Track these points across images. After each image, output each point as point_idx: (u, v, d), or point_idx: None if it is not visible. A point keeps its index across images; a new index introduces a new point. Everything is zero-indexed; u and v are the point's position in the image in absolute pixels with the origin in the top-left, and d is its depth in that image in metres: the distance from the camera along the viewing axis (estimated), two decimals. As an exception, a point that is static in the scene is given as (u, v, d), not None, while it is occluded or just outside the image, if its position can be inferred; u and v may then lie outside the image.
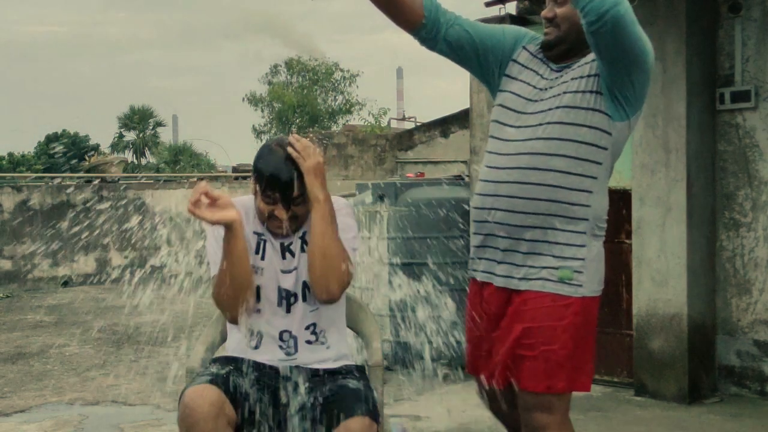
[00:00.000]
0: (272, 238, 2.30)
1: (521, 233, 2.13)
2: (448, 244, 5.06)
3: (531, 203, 2.11)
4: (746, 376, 4.26)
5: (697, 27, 4.16)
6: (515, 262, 2.16)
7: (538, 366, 2.12)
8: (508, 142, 2.19)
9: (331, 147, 13.17)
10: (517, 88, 2.26)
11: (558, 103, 2.15)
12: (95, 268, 10.22)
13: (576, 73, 2.18)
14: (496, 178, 2.18)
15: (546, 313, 2.11)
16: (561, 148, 2.11)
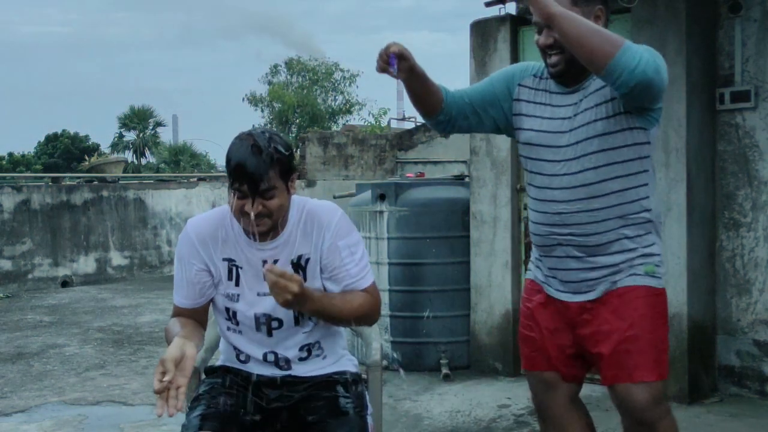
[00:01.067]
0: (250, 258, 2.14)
1: (598, 252, 2.25)
2: (448, 244, 5.06)
3: (601, 225, 2.22)
4: (746, 376, 4.26)
5: (697, 27, 4.17)
6: (597, 277, 2.26)
7: (647, 356, 2.20)
8: (556, 177, 2.26)
9: (331, 147, 13.17)
10: (537, 124, 2.30)
11: (593, 132, 2.19)
12: (95, 268, 10.22)
13: (597, 98, 2.20)
14: (559, 210, 2.26)
15: (645, 303, 2.23)
16: (612, 172, 2.20)
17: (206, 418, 2.11)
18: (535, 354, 2.41)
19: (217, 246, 2.15)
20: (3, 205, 9.42)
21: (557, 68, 2.21)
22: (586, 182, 2.21)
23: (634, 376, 2.20)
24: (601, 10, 2.21)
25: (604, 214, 2.22)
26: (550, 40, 2.19)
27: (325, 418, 2.09)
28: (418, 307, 5.05)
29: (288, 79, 34.87)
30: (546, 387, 2.41)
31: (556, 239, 2.28)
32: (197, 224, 2.19)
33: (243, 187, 2.00)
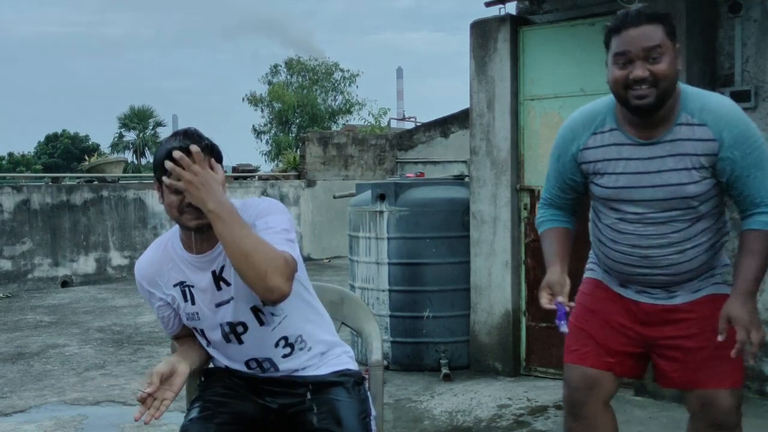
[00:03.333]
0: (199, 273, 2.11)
1: (687, 278, 2.31)
2: (448, 244, 5.06)
3: (694, 261, 2.28)
4: (746, 376, 4.25)
5: (696, 27, 4.17)
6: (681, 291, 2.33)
7: (733, 364, 2.23)
8: (642, 225, 2.26)
9: (331, 147, 13.17)
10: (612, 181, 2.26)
11: (683, 194, 2.19)
12: (95, 268, 10.22)
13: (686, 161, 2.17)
14: (647, 255, 2.27)
15: None
16: (698, 219, 2.25)
17: (203, 420, 2.11)
18: (588, 349, 2.39)
19: (165, 277, 2.17)
20: (3, 205, 9.42)
21: (646, 101, 2.11)
22: (676, 230, 2.24)
23: (725, 381, 2.27)
24: (679, 49, 2.18)
25: (695, 252, 2.26)
26: (645, 74, 2.09)
27: (328, 426, 2.08)
28: (418, 307, 5.05)
29: (288, 79, 34.86)
30: (588, 384, 2.38)
31: (643, 278, 2.32)
32: (141, 267, 2.22)
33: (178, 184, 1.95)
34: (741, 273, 2.19)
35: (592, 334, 2.40)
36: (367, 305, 2.62)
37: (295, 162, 13.52)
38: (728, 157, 2.14)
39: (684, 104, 2.17)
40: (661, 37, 2.10)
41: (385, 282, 5.08)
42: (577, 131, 2.31)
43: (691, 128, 2.16)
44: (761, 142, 2.17)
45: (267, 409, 2.20)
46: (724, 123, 2.14)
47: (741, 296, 2.16)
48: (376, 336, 2.46)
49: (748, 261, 2.18)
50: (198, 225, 2.03)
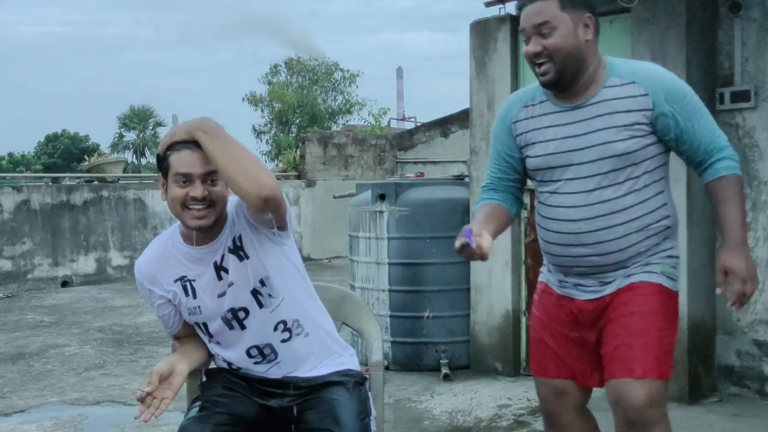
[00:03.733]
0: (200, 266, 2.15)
1: (618, 266, 2.20)
2: (448, 244, 5.05)
3: (622, 240, 2.18)
4: (746, 375, 4.26)
5: (696, 27, 4.17)
6: (615, 279, 2.22)
7: (652, 353, 2.13)
8: (570, 195, 2.20)
9: (331, 147, 13.16)
10: (543, 148, 2.23)
11: (611, 153, 2.13)
12: (95, 268, 10.22)
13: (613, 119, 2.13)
14: (575, 230, 2.20)
15: (658, 300, 2.18)
16: (632, 186, 2.16)
17: (200, 420, 2.12)
18: (548, 359, 2.34)
19: (166, 273, 2.18)
20: (3, 205, 9.42)
21: (546, 78, 2.15)
22: (605, 199, 2.16)
23: (634, 371, 2.10)
24: (590, 18, 2.15)
25: (624, 229, 2.17)
26: (538, 48, 2.12)
27: (328, 425, 2.08)
28: (418, 307, 5.04)
29: (288, 79, 34.85)
30: (557, 394, 2.33)
31: (573, 260, 2.23)
32: (141, 266, 2.23)
33: (188, 168, 2.02)
34: (725, 223, 2.13)
35: (549, 343, 2.34)
36: (367, 305, 2.62)
37: (295, 162, 13.52)
38: (668, 112, 2.12)
39: (612, 70, 2.17)
40: (553, 12, 2.10)
41: (385, 282, 5.08)
42: (510, 107, 2.34)
43: (620, 88, 2.15)
44: (693, 94, 2.17)
45: (267, 409, 2.20)
46: (655, 79, 2.15)
47: (734, 246, 2.11)
48: (376, 336, 2.46)
49: (727, 210, 2.12)
50: (198, 226, 2.06)
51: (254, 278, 2.13)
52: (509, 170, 2.37)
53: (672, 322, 2.24)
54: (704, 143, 2.16)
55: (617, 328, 2.17)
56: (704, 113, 2.17)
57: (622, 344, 2.15)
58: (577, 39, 2.12)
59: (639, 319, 2.15)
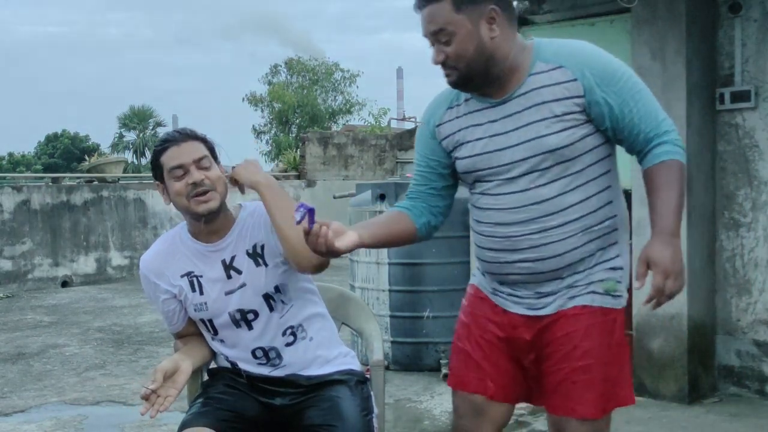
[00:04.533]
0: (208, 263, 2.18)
1: (556, 275, 1.99)
2: (448, 244, 5.06)
3: (560, 245, 1.95)
4: (746, 376, 4.26)
5: (696, 27, 4.17)
6: (554, 291, 2.00)
7: (595, 390, 1.97)
8: (502, 196, 2.00)
9: (331, 147, 13.17)
10: (469, 149, 2.03)
11: (545, 148, 1.91)
12: (95, 268, 10.22)
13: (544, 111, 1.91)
14: (508, 234, 1.99)
15: (600, 330, 1.97)
16: (570, 184, 1.94)
17: (202, 415, 2.12)
18: (469, 371, 2.13)
19: (172, 268, 2.20)
20: (3, 205, 9.42)
21: (450, 79, 1.97)
22: (540, 199, 1.94)
23: (576, 410, 1.96)
24: (495, 11, 1.90)
25: (562, 232, 1.94)
26: (440, 58, 1.93)
27: (330, 421, 2.08)
28: (418, 307, 5.04)
29: (288, 79, 34.85)
30: (475, 411, 2.11)
31: (507, 267, 2.02)
32: (147, 260, 2.25)
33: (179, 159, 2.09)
34: (656, 210, 1.89)
35: (471, 354, 2.13)
36: (367, 305, 2.62)
37: (295, 162, 13.52)
38: (601, 99, 1.89)
39: (537, 54, 1.94)
40: (447, 16, 1.88)
41: (385, 282, 5.08)
42: (432, 109, 2.13)
43: (548, 74, 1.92)
44: (630, 73, 1.93)
45: (269, 407, 2.21)
46: (583, 60, 1.91)
47: (661, 235, 1.85)
48: (376, 336, 2.47)
49: (659, 196, 1.89)
50: (207, 210, 2.10)
51: (269, 284, 2.16)
52: (433, 177, 2.16)
53: (618, 346, 2.01)
54: (644, 130, 1.92)
55: (560, 362, 1.98)
56: (643, 95, 1.93)
57: (564, 380, 1.98)
58: (481, 40, 1.89)
59: (582, 354, 1.96)
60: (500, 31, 1.91)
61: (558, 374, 1.98)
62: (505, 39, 1.92)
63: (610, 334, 1.99)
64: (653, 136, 1.92)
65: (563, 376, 1.98)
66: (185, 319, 2.26)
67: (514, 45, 1.94)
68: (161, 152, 2.12)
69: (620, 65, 1.93)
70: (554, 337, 1.99)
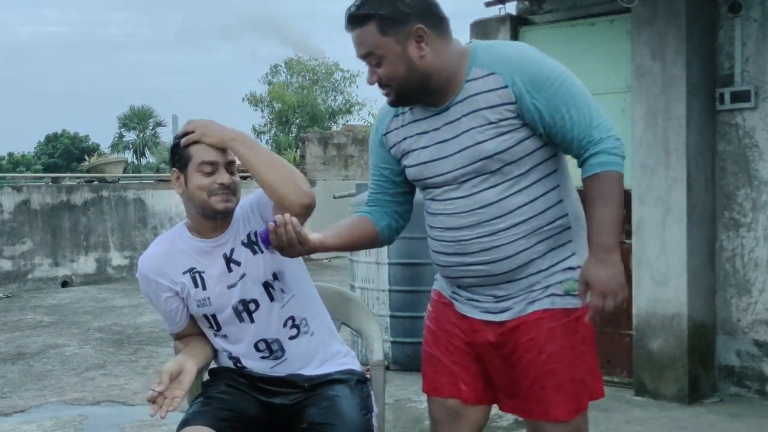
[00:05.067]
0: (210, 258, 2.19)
1: (510, 276, 1.98)
2: (448, 244, 5.05)
3: (510, 247, 1.95)
4: (746, 376, 4.26)
5: (696, 27, 4.17)
6: (513, 297, 2.00)
7: (565, 392, 1.98)
8: (450, 202, 2.01)
9: (331, 147, 13.16)
10: (415, 157, 2.04)
11: (484, 154, 1.91)
12: (95, 268, 10.22)
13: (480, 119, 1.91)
14: (459, 238, 2.00)
15: (563, 332, 1.98)
16: (512, 187, 1.94)
17: (202, 414, 2.13)
18: (440, 376, 2.15)
19: (173, 266, 2.21)
20: (3, 205, 9.42)
21: (389, 100, 2.00)
22: (486, 203, 1.94)
23: (549, 414, 1.99)
24: (422, 29, 1.89)
25: (511, 234, 1.94)
26: (373, 80, 1.95)
27: (330, 420, 2.09)
28: (418, 307, 5.04)
29: (288, 79, 34.84)
30: (451, 416, 2.14)
31: (461, 270, 2.02)
32: (147, 261, 2.25)
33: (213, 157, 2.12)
34: (591, 227, 1.88)
35: (441, 359, 2.15)
36: (367, 305, 2.63)
37: (295, 162, 13.52)
38: (531, 106, 1.87)
39: (473, 59, 1.93)
40: (372, 40, 1.89)
41: (385, 282, 5.08)
42: (381, 118, 2.13)
43: (482, 80, 1.91)
44: (564, 77, 1.89)
45: (269, 406, 2.21)
46: (514, 66, 1.89)
47: (597, 254, 1.85)
48: (376, 336, 2.47)
49: (594, 211, 1.86)
50: (226, 208, 2.13)
51: (267, 271, 2.18)
52: (387, 184, 2.18)
53: (583, 348, 2.01)
54: (577, 136, 1.88)
55: (527, 369, 1.99)
56: (579, 100, 1.88)
57: (533, 386, 1.99)
58: (410, 60, 1.89)
59: (547, 358, 1.97)
60: (430, 48, 1.91)
61: (526, 380, 2.00)
62: (437, 54, 1.92)
63: (573, 334, 1.99)
64: (586, 143, 1.88)
65: (531, 382, 2.00)
66: (187, 318, 2.26)
67: (449, 55, 1.94)
68: (192, 143, 2.14)
69: (553, 70, 1.90)
70: (519, 343, 2.00)
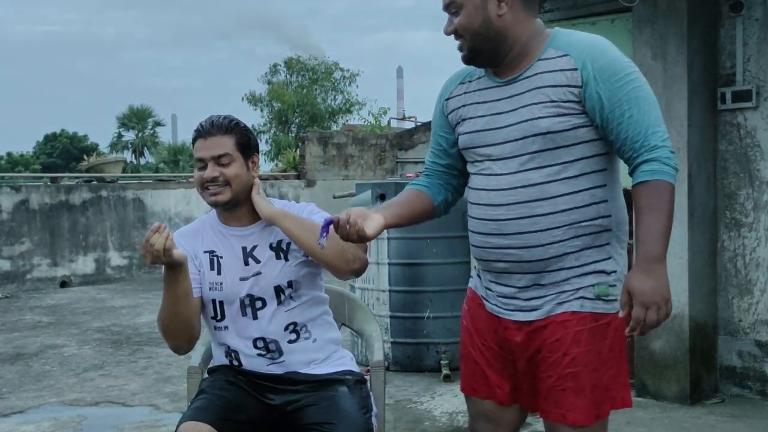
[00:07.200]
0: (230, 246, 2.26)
1: (542, 266, 1.96)
2: (448, 244, 5.04)
3: (545, 235, 1.93)
4: (748, 376, 4.25)
5: (698, 26, 4.15)
6: (543, 295, 1.98)
7: (585, 397, 1.95)
8: (493, 177, 1.99)
9: (330, 146, 13.15)
10: (471, 125, 2.04)
11: (536, 130, 1.91)
12: (94, 268, 10.20)
13: (542, 95, 1.92)
14: (496, 216, 1.98)
15: (589, 336, 1.95)
16: (560, 173, 1.92)
17: (201, 410, 2.13)
18: (476, 378, 2.14)
19: (199, 240, 2.30)
20: (1, 205, 9.40)
21: (462, 54, 2.03)
22: (528, 183, 1.93)
23: (567, 417, 1.97)
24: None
25: (549, 221, 1.92)
26: (449, 29, 2.00)
27: (330, 419, 2.09)
28: (419, 307, 5.03)
29: (287, 78, 34.82)
30: (486, 418, 2.14)
31: (494, 252, 2.00)
32: (180, 230, 2.38)
33: (200, 153, 2.22)
34: (639, 236, 1.84)
35: (477, 360, 2.14)
36: (367, 306, 2.62)
37: (294, 162, 13.50)
38: (596, 93, 1.87)
39: (552, 41, 1.96)
40: None
41: (385, 282, 5.07)
42: (447, 85, 2.17)
43: (554, 60, 1.93)
44: (635, 76, 1.89)
45: (268, 406, 2.21)
46: (589, 52, 1.90)
47: (643, 264, 1.82)
48: (377, 337, 2.47)
49: (643, 220, 1.84)
50: (214, 202, 2.23)
51: (283, 277, 2.23)
52: (441, 154, 2.18)
53: (611, 355, 1.98)
54: (631, 137, 1.87)
55: (550, 369, 1.98)
56: (643, 102, 1.87)
57: (553, 387, 1.98)
58: (487, 15, 1.94)
59: (570, 361, 1.95)
60: (510, 12, 1.96)
61: (548, 381, 1.99)
62: (516, 20, 1.96)
63: (601, 340, 1.96)
64: (639, 147, 1.88)
65: (552, 383, 1.98)
66: (198, 295, 2.26)
67: (529, 29, 1.98)
68: (195, 140, 2.26)
69: (626, 66, 1.90)
70: (544, 344, 1.98)
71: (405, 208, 2.12)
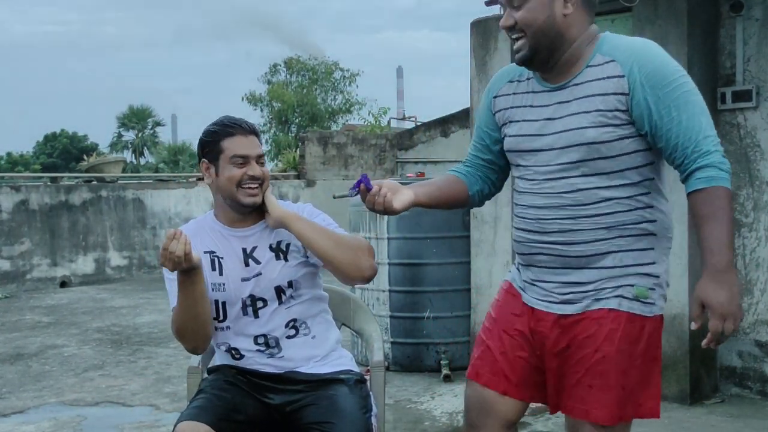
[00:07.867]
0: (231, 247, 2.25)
1: (584, 263, 1.95)
2: (448, 244, 5.04)
3: (589, 233, 1.93)
4: (748, 376, 4.25)
5: (698, 26, 4.15)
6: (582, 290, 1.96)
7: (611, 397, 1.93)
8: (536, 182, 1.99)
9: (330, 146, 13.15)
10: (517, 128, 2.04)
11: (582, 140, 1.90)
12: (94, 268, 10.19)
13: (590, 104, 1.90)
14: (539, 216, 1.99)
15: (623, 336, 1.93)
16: (603, 181, 1.91)
17: (200, 409, 2.13)
18: (484, 363, 2.11)
19: (199, 241, 2.26)
20: (1, 205, 9.40)
21: (521, 54, 1.95)
22: (571, 189, 1.94)
23: (590, 414, 1.94)
24: None
25: (593, 222, 1.92)
26: (510, 22, 1.94)
27: (329, 418, 2.09)
28: (419, 307, 5.03)
29: (287, 78, 34.81)
30: (483, 407, 2.10)
31: (536, 246, 2.01)
32: (184, 226, 2.34)
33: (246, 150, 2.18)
34: (705, 245, 1.82)
35: (490, 346, 2.11)
36: (367, 306, 2.62)
37: (294, 162, 13.50)
38: (643, 100, 1.85)
39: (599, 46, 1.93)
40: None
41: (386, 282, 5.06)
42: (496, 81, 2.15)
43: (601, 67, 1.90)
44: (683, 81, 1.87)
45: (268, 406, 2.22)
46: (635, 58, 1.87)
47: (714, 274, 1.80)
48: (377, 337, 2.46)
49: (707, 229, 1.81)
50: (253, 203, 2.21)
51: (284, 278, 2.23)
52: (483, 149, 2.19)
53: (644, 356, 1.96)
54: (683, 143, 1.85)
55: (578, 365, 1.96)
56: (692, 108, 1.86)
57: (580, 383, 1.96)
58: (553, 12, 1.90)
59: (600, 359, 1.93)
60: (574, 12, 1.92)
61: (575, 376, 1.97)
62: (576, 22, 1.93)
63: (634, 342, 1.94)
64: (691, 153, 1.85)
65: (579, 379, 1.96)
66: None
67: (584, 32, 1.95)
68: (227, 136, 2.20)
69: (674, 71, 1.88)
70: (576, 339, 1.97)
71: (439, 190, 2.14)
